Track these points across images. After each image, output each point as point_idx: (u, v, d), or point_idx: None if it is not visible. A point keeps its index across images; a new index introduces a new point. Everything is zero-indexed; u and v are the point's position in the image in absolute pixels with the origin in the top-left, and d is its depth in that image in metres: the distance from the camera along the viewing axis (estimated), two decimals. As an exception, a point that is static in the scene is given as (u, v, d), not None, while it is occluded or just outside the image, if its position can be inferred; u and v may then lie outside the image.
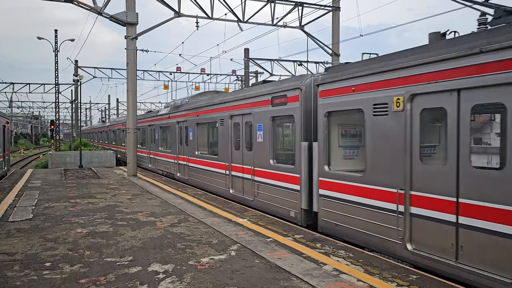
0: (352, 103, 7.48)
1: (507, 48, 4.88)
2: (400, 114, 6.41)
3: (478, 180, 5.25)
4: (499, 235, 4.94)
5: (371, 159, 7.03)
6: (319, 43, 23.68)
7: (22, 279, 5.47)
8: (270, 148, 10.32)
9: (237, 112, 12.03)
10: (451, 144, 5.64)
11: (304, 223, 9.01)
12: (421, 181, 6.07)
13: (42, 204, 11.26)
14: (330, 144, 8.36)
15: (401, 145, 6.39)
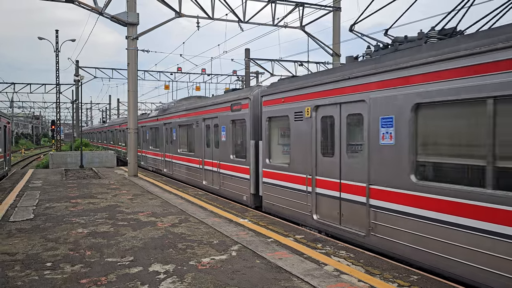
0: (283, 111, 9.75)
1: (361, 77, 7.22)
2: (309, 120, 8.71)
3: (349, 166, 7.61)
4: (359, 203, 7.32)
5: (292, 153, 9.37)
6: (320, 43, 23.68)
7: (23, 279, 5.47)
8: (231, 145, 12.56)
9: (208, 116, 14.28)
10: (337, 142, 7.91)
11: (253, 205, 11.32)
12: (321, 169, 8.40)
13: (43, 204, 11.27)
14: (271, 142, 10.59)
15: (310, 143, 8.71)
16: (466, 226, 5.36)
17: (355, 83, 7.35)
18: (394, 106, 6.51)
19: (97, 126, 55.78)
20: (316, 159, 8.50)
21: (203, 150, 14.67)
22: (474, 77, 5.28)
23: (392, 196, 6.55)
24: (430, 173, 6.13)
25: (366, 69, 7.07)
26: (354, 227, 7.42)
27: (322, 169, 8.33)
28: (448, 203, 5.62)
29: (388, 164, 6.61)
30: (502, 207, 4.91)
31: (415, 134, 6.20)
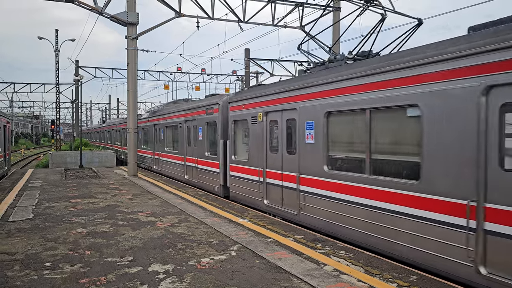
0: (243, 115, 11.64)
1: (293, 90, 9.31)
2: (261, 123, 10.65)
3: (288, 160, 9.56)
4: (293, 189, 9.28)
5: (250, 150, 11.27)
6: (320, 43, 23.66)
7: (23, 279, 5.46)
8: (206, 144, 14.50)
9: (188, 118, 16.23)
10: (280, 141, 9.88)
11: (222, 194, 13.14)
12: (269, 163, 10.32)
13: (43, 204, 11.26)
14: (236, 141, 12.43)
15: (262, 142, 10.59)
16: (357, 203, 7.34)
17: (290, 94, 9.43)
18: (314, 113, 8.57)
19: (95, 126, 57.86)
20: (266, 155, 10.49)
21: (185, 148, 16.57)
22: (359, 93, 7.33)
23: (312, 182, 8.67)
24: (336, 164, 8.24)
25: (297, 84, 9.20)
26: (290, 208, 9.47)
27: (270, 163, 10.34)
28: (347, 186, 7.63)
29: (310, 158, 8.73)
30: (375, 187, 6.93)
31: (327, 135, 8.28)
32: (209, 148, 14.37)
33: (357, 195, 7.32)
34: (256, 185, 10.92)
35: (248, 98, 11.39)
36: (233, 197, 12.32)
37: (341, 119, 7.99)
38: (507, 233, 4.91)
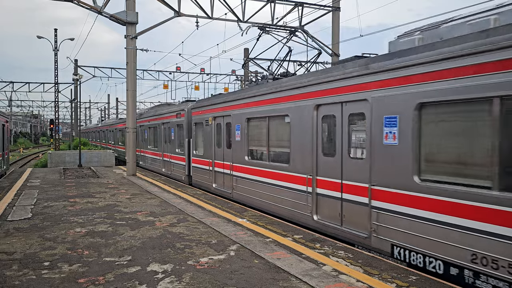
0: (200, 119, 15.05)
1: (229, 102, 12.30)
2: (211, 125, 13.92)
3: (227, 153, 12.58)
4: (227, 174, 12.53)
5: (203, 146, 14.63)
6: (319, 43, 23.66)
7: (21, 279, 5.45)
8: (177, 142, 17.73)
9: (164, 121, 19.64)
10: (222, 138, 12.97)
11: (188, 182, 16.43)
12: (217, 155, 13.53)
13: (41, 203, 11.24)
14: (196, 140, 15.76)
15: (211, 140, 13.94)
16: (273, 184, 10.00)
17: (228, 104, 12.69)
18: (240, 118, 11.81)
19: (91, 126, 62.75)
20: (214, 150, 13.81)
21: (162, 146, 19.96)
22: (264, 106, 10.51)
23: (238, 169, 11.92)
24: (254, 156, 11.26)
25: (231, 97, 12.51)
26: (227, 189, 12.64)
27: (217, 155, 13.56)
28: (257, 170, 10.78)
29: (238, 152, 11.92)
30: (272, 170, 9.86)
31: (247, 135, 11.46)
32: (178, 146, 17.66)
33: (261, 176, 10.50)
34: (208, 172, 14.36)
35: (204, 106, 14.91)
36: (194, 183, 15.69)
37: (255, 123, 11.22)
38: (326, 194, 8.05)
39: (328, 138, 8.25)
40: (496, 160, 5.00)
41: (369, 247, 6.94)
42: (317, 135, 8.45)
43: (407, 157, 6.16)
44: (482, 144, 5.22)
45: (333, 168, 7.98)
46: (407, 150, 6.18)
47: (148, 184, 15.74)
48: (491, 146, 5.06)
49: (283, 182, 9.61)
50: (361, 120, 7.37)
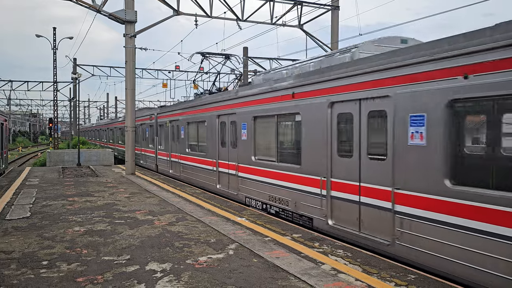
0: (162, 122, 19.49)
1: (183, 109, 17.05)
2: (168, 127, 18.63)
3: (176, 145, 17.71)
4: (177, 163, 18.00)
5: (164, 142, 19.47)
6: (318, 42, 23.65)
7: (19, 278, 5.44)
8: (150, 139, 22.38)
9: (142, 122, 24.24)
10: (175, 136, 17.78)
11: (156, 170, 20.97)
12: (172, 148, 18.05)
13: (40, 202, 11.23)
14: (160, 137, 20.28)
15: (168, 137, 18.64)
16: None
17: (179, 112, 17.27)
18: (184, 122, 16.42)
19: (88, 126, 66.45)
20: (170, 144, 18.49)
21: (141, 143, 24.67)
22: (197, 113, 15.04)
23: (180, 158, 16.84)
24: (192, 149, 15.77)
25: (182, 106, 17.23)
26: (176, 172, 17.67)
27: (173, 149, 18.18)
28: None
29: (182, 145, 16.60)
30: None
31: (187, 134, 16.02)
32: (150, 142, 22.46)
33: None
34: (167, 162, 19.17)
35: (164, 112, 19.99)
36: (160, 170, 20.44)
37: (191, 126, 15.97)
38: None
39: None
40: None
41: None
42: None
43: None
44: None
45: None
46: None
47: (147, 183, 15.72)
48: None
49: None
50: None
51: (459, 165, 5.57)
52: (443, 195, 5.60)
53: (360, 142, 7.20)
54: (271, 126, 10.15)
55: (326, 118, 7.96)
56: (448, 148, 5.59)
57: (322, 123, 8.09)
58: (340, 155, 7.69)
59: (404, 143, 6.23)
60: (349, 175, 7.44)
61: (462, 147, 5.60)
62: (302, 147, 8.78)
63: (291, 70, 10.00)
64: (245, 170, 11.45)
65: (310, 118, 8.51)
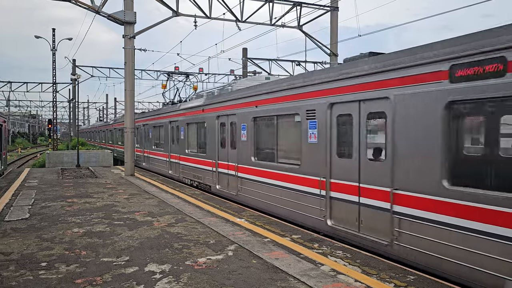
0: (137, 126, 24.56)
1: (147, 117, 23.99)
2: (142, 129, 24.60)
3: (146, 142, 23.71)
4: (152, 158, 22.43)
5: (143, 142, 24.09)
6: (318, 43, 23.67)
7: (18, 279, 5.43)
8: (134, 141, 21.78)
9: (120, 125, 29.88)
10: (149, 137, 22.50)
11: (143, 166, 23.68)
12: (146, 147, 23.47)
13: (39, 204, 11.21)
14: (138, 138, 24.95)
15: (146, 137, 22.94)
16: None
17: (146, 118, 23.21)
18: (153, 125, 21.73)
19: (84, 127, 69.31)
20: (146, 144, 22.66)
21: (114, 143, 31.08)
22: (160, 119, 20.54)
23: (176, 158, 17.80)
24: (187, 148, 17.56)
25: (151, 113, 22.64)
26: (164, 169, 19.60)
27: (146, 148, 22.52)
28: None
29: (149, 142, 22.00)
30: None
31: (154, 136, 21.67)
32: (137, 143, 25.09)
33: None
34: (142, 157, 23.63)
35: (139, 118, 24.43)
36: (147, 168, 22.71)
37: (155, 129, 20.29)
38: None
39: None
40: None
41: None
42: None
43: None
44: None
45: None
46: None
47: (146, 184, 15.71)
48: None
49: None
50: None
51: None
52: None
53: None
54: (197, 129, 15.55)
55: (214, 126, 13.33)
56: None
57: (214, 131, 13.37)
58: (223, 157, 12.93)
59: None
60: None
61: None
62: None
63: (206, 94, 15.31)
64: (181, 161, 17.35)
65: (211, 125, 13.60)
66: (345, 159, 7.58)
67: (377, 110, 6.83)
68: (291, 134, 9.46)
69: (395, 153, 6.39)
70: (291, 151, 9.59)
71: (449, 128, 5.59)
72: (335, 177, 7.80)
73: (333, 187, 7.84)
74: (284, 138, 9.87)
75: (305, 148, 8.62)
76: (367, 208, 7.02)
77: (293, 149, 9.33)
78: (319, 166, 8.15)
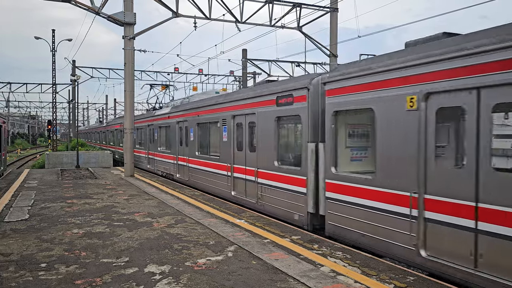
0: (120, 129, 29.78)
1: (145, 118, 25.42)
2: (120, 130, 29.93)
3: (125, 139, 20.81)
4: None
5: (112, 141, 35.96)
6: (317, 44, 23.69)
7: (17, 280, 5.43)
8: (118, 140, 30.06)
9: (114, 128, 32.77)
10: (157, 139, 21.67)
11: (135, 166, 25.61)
12: (105, 143, 39.41)
13: (39, 205, 11.20)
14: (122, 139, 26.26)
15: (117, 138, 32.66)
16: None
17: (137, 121, 25.78)
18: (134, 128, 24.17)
19: (82, 129, 71.11)
20: (114, 143, 32.17)
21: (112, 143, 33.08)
22: (144, 123, 23.82)
23: (151, 154, 22.29)
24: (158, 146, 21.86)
25: (137, 118, 26.48)
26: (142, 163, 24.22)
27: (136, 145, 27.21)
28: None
29: (153, 144, 21.96)
30: None
31: (138, 137, 25.90)
32: (137, 143, 26.41)
33: None
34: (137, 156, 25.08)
35: (140, 119, 25.04)
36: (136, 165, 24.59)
37: (138, 131, 24.70)
38: None
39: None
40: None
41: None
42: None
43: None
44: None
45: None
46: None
47: (146, 185, 15.71)
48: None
49: None
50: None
51: None
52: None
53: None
54: (165, 131, 19.37)
55: (175, 129, 17.59)
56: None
57: (175, 132, 17.74)
58: None
59: None
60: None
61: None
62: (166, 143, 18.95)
63: (172, 105, 19.65)
64: None
65: (173, 128, 17.95)
66: (241, 151, 11.67)
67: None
68: (216, 135, 13.41)
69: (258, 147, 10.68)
70: (215, 146, 13.51)
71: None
72: (238, 163, 11.87)
73: (235, 170, 12.01)
74: (212, 137, 13.88)
75: (221, 144, 12.81)
76: None
77: (216, 145, 13.32)
78: (230, 157, 12.20)
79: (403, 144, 6.29)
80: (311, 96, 8.60)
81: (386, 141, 6.62)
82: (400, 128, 6.34)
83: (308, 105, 8.60)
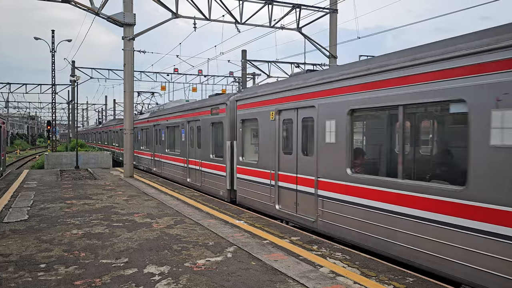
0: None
1: (113, 125, 37.43)
2: (110, 131, 39.20)
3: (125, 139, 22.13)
4: None
5: (104, 141, 43.72)
6: (317, 45, 23.71)
7: (17, 281, 5.42)
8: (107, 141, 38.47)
9: (110, 129, 37.78)
10: (149, 141, 24.17)
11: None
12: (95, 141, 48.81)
13: (38, 205, 11.20)
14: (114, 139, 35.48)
15: (111, 139, 39.10)
16: None
17: (112, 125, 38.02)
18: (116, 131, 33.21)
19: (80, 130, 72.11)
20: (108, 143, 39.06)
21: (118, 143, 33.63)
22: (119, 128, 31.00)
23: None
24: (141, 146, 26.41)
25: (113, 123, 37.89)
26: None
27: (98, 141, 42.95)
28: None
29: (136, 144, 25.35)
30: None
31: (117, 138, 33.54)
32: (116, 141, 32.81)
33: None
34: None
35: (105, 125, 37.94)
36: None
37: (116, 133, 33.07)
38: None
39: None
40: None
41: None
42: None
43: None
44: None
45: None
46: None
47: (145, 185, 15.70)
48: None
49: None
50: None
51: None
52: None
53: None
54: (146, 133, 23.24)
55: (152, 131, 21.48)
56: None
57: (151, 134, 21.39)
58: None
59: None
60: None
61: None
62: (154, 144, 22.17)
63: (150, 111, 24.20)
64: None
65: (150, 131, 21.81)
66: (192, 148, 15.47)
67: None
68: (179, 136, 17.04)
69: None
70: (177, 144, 17.47)
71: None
72: (190, 157, 15.69)
73: (190, 162, 15.82)
74: (177, 138, 17.34)
75: (181, 143, 16.71)
76: None
77: (178, 143, 17.23)
78: (186, 153, 16.02)
79: (269, 141, 10.01)
80: (229, 109, 12.36)
81: (262, 139, 10.42)
82: (268, 131, 10.07)
83: (227, 115, 12.36)
